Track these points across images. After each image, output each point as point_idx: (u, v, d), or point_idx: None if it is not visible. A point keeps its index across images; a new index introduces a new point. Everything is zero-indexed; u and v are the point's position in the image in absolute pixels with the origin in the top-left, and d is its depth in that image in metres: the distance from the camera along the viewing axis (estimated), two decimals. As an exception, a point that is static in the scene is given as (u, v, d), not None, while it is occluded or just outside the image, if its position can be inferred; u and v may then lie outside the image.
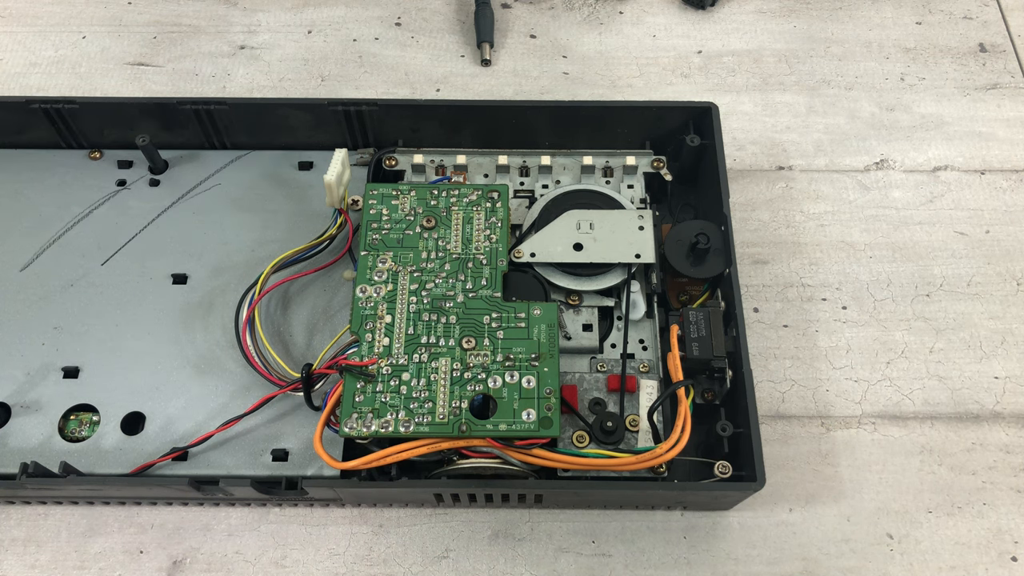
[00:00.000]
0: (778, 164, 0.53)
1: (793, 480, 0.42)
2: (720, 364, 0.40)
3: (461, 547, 0.41)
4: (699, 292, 0.44)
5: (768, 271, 0.49)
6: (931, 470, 0.43)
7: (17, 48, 0.58)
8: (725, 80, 0.56)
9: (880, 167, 0.53)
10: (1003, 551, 0.41)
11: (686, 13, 0.59)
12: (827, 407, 0.44)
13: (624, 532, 0.41)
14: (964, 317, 0.47)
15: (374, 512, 0.42)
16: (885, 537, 0.41)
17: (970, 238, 0.50)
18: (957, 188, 0.52)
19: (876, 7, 0.59)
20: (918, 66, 0.57)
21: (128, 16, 0.60)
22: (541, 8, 0.60)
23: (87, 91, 0.56)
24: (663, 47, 0.58)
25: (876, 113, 0.55)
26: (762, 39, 0.58)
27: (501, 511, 0.42)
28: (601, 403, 0.39)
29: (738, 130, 0.54)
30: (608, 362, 0.41)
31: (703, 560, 0.41)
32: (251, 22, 0.59)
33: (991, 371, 0.46)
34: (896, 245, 0.50)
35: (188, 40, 0.58)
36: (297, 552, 0.41)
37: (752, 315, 0.47)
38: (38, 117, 0.46)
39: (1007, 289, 0.48)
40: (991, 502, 0.42)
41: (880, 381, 0.45)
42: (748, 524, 0.41)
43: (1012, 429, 0.44)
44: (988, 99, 0.55)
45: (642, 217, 0.43)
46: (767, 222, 0.51)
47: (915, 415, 0.44)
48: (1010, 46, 0.57)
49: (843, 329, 0.47)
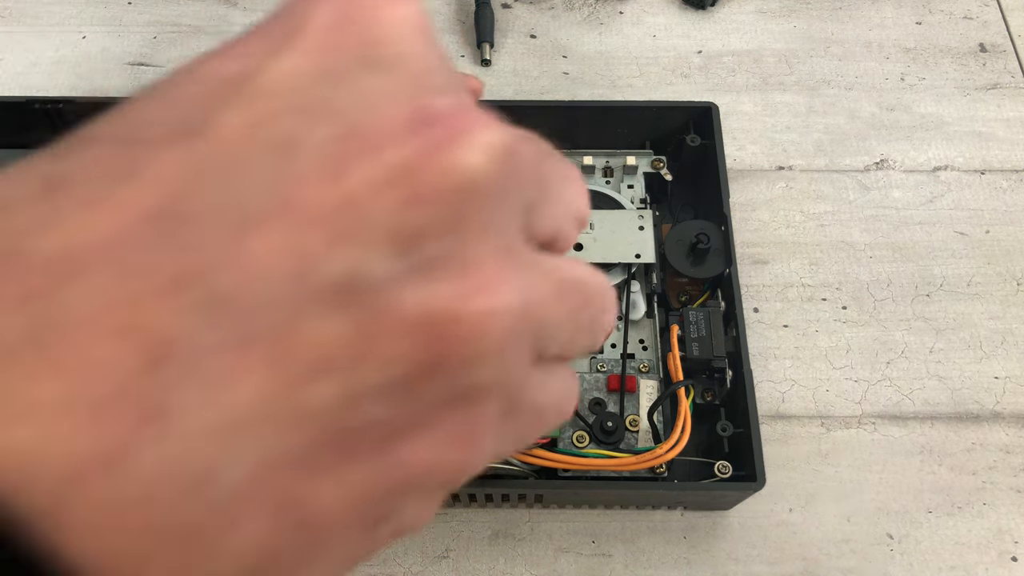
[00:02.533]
0: (778, 164, 0.53)
1: (793, 480, 0.42)
2: (720, 364, 0.40)
3: (461, 547, 0.41)
4: (699, 292, 0.44)
5: (768, 271, 0.49)
6: (931, 470, 0.43)
7: (17, 48, 0.58)
8: (725, 80, 0.56)
9: (880, 167, 0.53)
10: (1003, 551, 0.41)
11: (686, 13, 0.59)
12: (827, 407, 0.44)
13: (624, 532, 0.41)
14: (964, 317, 0.47)
15: (374, 512, 0.42)
16: (885, 537, 0.41)
17: (970, 238, 0.50)
18: (957, 188, 0.52)
19: (876, 7, 0.59)
20: (918, 66, 0.57)
21: (128, 16, 0.60)
22: (541, 8, 0.60)
23: (87, 91, 0.56)
24: (663, 47, 0.58)
25: (876, 113, 0.55)
26: (762, 39, 0.58)
27: (501, 511, 0.42)
28: (601, 403, 0.39)
29: (738, 130, 0.54)
30: (608, 362, 0.41)
31: (703, 560, 0.41)
32: (251, 22, 0.59)
33: (991, 371, 0.46)
34: (896, 245, 0.50)
35: (188, 40, 0.58)
36: (297, 552, 0.41)
37: (752, 315, 0.47)
38: (38, 117, 0.46)
39: (1007, 289, 0.48)
40: (991, 502, 0.42)
41: (880, 381, 0.45)
42: (748, 524, 0.41)
43: (1012, 429, 0.44)
44: (988, 99, 0.55)
45: (642, 217, 0.43)
46: (767, 222, 0.51)
47: (915, 415, 0.44)
48: (1010, 46, 0.57)
49: (843, 329, 0.47)
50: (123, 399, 0.11)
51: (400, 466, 0.13)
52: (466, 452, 0.14)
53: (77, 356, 0.11)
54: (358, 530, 0.14)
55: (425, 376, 0.13)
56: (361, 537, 0.14)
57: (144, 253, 0.11)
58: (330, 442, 0.12)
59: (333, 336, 0.12)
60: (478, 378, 0.13)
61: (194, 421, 0.11)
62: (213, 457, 0.11)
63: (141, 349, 0.11)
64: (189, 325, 0.11)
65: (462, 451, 0.14)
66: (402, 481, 0.13)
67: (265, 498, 0.12)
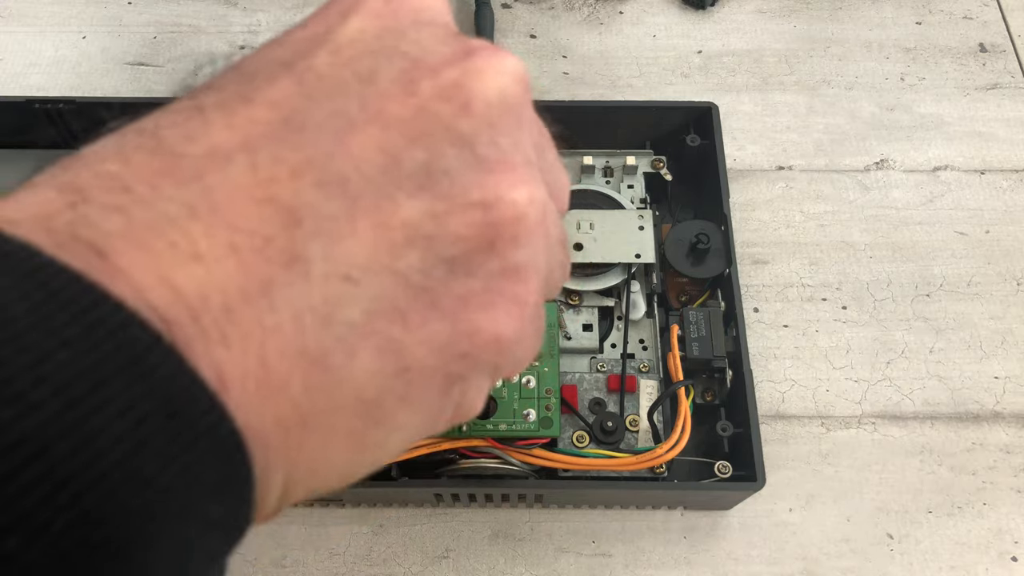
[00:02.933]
0: (778, 164, 0.53)
1: (793, 480, 0.42)
2: (720, 364, 0.40)
3: (461, 547, 0.41)
4: (699, 292, 0.44)
5: (768, 271, 0.49)
6: (931, 470, 0.43)
7: (17, 48, 0.58)
8: (725, 80, 0.56)
9: (880, 167, 0.53)
10: (1003, 551, 0.41)
11: (686, 13, 0.59)
12: (827, 407, 0.44)
13: (624, 532, 0.41)
14: (964, 317, 0.47)
15: (374, 512, 0.42)
16: (885, 537, 0.41)
17: (970, 238, 0.50)
18: (957, 188, 0.52)
19: (876, 7, 0.59)
20: (918, 66, 0.57)
21: (128, 16, 0.60)
22: (541, 8, 0.60)
23: (87, 91, 0.56)
24: (663, 47, 0.58)
25: (876, 113, 0.55)
26: (762, 39, 0.58)
27: (501, 511, 0.42)
28: (601, 403, 0.39)
29: (738, 130, 0.54)
30: (608, 362, 0.41)
31: (703, 560, 0.41)
32: (251, 22, 0.59)
33: (991, 371, 0.46)
34: (896, 245, 0.50)
35: (188, 40, 0.58)
36: (297, 552, 0.41)
37: (752, 315, 0.47)
38: (38, 117, 0.46)
39: (1007, 289, 0.48)
40: (991, 502, 0.42)
41: (880, 381, 0.45)
42: (748, 524, 0.41)
43: (1012, 429, 0.44)
44: (988, 99, 0.55)
45: (642, 217, 0.43)
46: (767, 222, 0.51)
47: (915, 415, 0.44)
48: (1010, 46, 0.57)
49: (843, 329, 0.47)
50: (270, 248, 0.14)
51: (471, 332, 0.17)
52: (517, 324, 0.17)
53: (230, 218, 0.14)
54: (438, 387, 0.17)
55: (484, 251, 0.16)
56: (439, 396, 0.17)
57: (273, 149, 0.15)
58: (417, 300, 0.16)
59: (417, 213, 0.16)
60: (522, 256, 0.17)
61: (321, 268, 0.15)
62: (336, 297, 0.15)
63: (279, 213, 0.14)
64: (313, 198, 0.15)
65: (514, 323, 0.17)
66: (472, 345, 0.17)
67: (373, 339, 0.15)
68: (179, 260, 0.13)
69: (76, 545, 0.11)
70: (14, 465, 0.11)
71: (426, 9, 0.19)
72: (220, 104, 0.16)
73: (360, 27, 0.17)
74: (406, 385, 0.16)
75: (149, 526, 0.12)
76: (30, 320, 0.11)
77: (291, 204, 0.14)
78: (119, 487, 0.11)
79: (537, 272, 0.18)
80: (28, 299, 0.12)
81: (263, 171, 0.15)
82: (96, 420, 0.11)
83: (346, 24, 0.17)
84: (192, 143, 0.15)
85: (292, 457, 0.15)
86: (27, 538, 0.11)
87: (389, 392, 0.16)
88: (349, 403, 0.15)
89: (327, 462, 0.16)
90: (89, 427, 0.11)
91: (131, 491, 0.12)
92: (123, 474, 0.12)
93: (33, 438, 0.11)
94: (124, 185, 0.14)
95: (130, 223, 0.13)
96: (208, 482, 0.13)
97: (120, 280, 0.13)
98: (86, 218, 0.13)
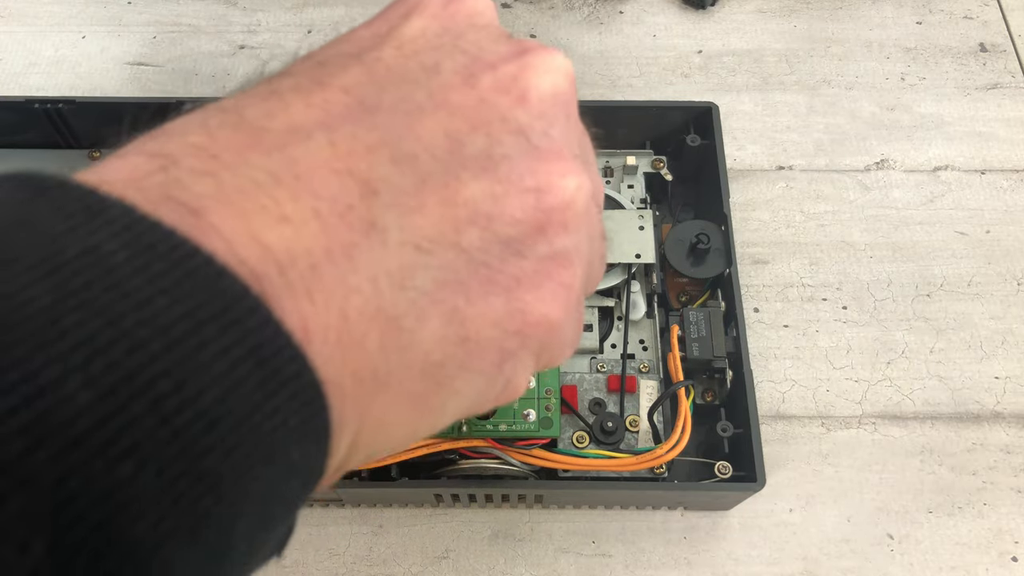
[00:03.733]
0: (778, 164, 0.53)
1: (793, 480, 0.42)
2: (720, 364, 0.40)
3: (461, 547, 0.41)
4: (699, 292, 0.44)
5: (768, 271, 0.49)
6: (931, 470, 0.43)
7: (17, 48, 0.58)
8: (725, 80, 0.56)
9: (880, 167, 0.53)
10: (1003, 551, 0.41)
11: (686, 13, 0.59)
12: (827, 407, 0.44)
13: (624, 532, 0.41)
14: (964, 317, 0.47)
15: (374, 512, 0.42)
16: (885, 537, 0.41)
17: (970, 238, 0.50)
18: (957, 188, 0.52)
19: (876, 7, 0.59)
20: (918, 66, 0.57)
21: (128, 16, 0.60)
22: (541, 8, 0.60)
23: (87, 91, 0.56)
24: (663, 47, 0.58)
25: (876, 113, 0.55)
26: (762, 39, 0.58)
27: (501, 511, 0.42)
28: (601, 403, 0.39)
29: (738, 130, 0.54)
30: (608, 362, 0.41)
31: (703, 560, 0.40)
32: (251, 22, 0.59)
33: (991, 371, 0.46)
34: (896, 245, 0.50)
35: (188, 40, 0.58)
36: (297, 552, 0.41)
37: (752, 315, 0.47)
38: (38, 117, 0.46)
39: (1007, 289, 0.48)
40: (991, 502, 0.42)
41: (880, 381, 0.45)
42: (748, 524, 0.41)
43: (1012, 429, 0.44)
44: (988, 99, 0.55)
45: (642, 217, 0.43)
46: (767, 222, 0.51)
47: (915, 415, 0.44)
48: (1010, 46, 0.57)
49: (843, 329, 0.47)
50: (351, 215, 0.15)
51: (523, 310, 0.18)
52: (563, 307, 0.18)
53: (313, 186, 0.15)
54: (493, 360, 0.18)
55: (535, 234, 0.18)
56: (494, 369, 0.18)
57: (349, 127, 0.16)
58: (478, 275, 0.17)
59: (479, 193, 0.17)
60: (569, 242, 0.18)
61: (397, 236, 0.16)
62: (410, 264, 0.16)
63: (357, 185, 0.16)
64: (387, 173, 0.16)
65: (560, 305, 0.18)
66: (524, 323, 0.18)
67: (440, 307, 0.16)
68: (268, 221, 0.14)
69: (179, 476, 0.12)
70: (121, 401, 0.11)
71: (480, 13, 0.20)
72: (296, 87, 0.17)
73: (422, 26, 0.19)
74: (467, 354, 0.17)
75: (243, 463, 0.13)
76: (130, 268, 0.12)
77: (367, 177, 0.16)
78: (218, 423, 0.12)
79: (580, 259, 0.19)
80: (128, 249, 0.12)
81: (341, 146, 0.16)
82: (195, 360, 0.12)
83: (408, 23, 0.19)
84: (273, 119, 0.16)
85: (363, 413, 0.16)
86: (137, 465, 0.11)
87: (452, 358, 0.17)
88: (417, 364, 0.16)
89: (392, 421, 0.17)
90: (190, 366, 0.12)
91: (228, 428, 0.12)
92: (220, 411, 0.12)
93: (139, 375, 0.12)
94: (212, 154, 0.15)
95: (220, 186, 0.14)
96: (292, 427, 0.13)
97: (213, 235, 0.13)
98: (178, 181, 0.14)
